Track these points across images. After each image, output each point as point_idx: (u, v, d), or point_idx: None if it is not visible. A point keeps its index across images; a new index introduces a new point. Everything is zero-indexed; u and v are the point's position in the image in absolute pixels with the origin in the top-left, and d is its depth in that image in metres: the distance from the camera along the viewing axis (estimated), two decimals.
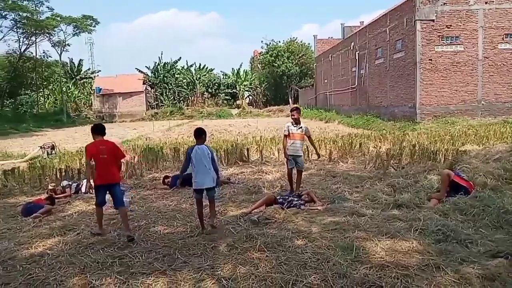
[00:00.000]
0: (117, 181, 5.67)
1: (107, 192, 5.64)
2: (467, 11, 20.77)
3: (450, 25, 20.86)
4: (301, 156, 7.42)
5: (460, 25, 20.80)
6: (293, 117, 7.44)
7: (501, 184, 6.76)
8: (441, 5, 20.79)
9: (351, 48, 31.74)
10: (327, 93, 39.44)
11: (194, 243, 5.03)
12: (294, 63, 52.88)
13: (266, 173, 9.36)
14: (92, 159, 5.64)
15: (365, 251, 4.47)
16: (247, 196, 7.43)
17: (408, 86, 22.10)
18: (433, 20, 20.81)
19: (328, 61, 39.31)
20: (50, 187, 7.95)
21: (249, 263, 4.32)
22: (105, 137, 5.80)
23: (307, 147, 10.19)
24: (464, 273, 3.77)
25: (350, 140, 12.59)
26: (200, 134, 5.73)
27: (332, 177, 8.78)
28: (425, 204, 6.16)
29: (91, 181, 5.98)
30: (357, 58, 30.20)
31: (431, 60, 21.04)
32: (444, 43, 20.97)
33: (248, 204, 6.75)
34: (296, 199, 6.53)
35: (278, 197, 6.63)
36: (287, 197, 6.68)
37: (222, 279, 3.97)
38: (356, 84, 30.79)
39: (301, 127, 7.34)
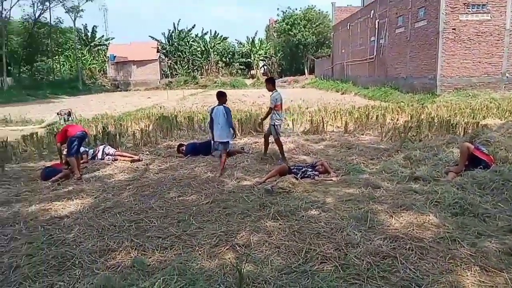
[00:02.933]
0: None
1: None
2: None
3: None
4: (273, 125, 7.55)
5: None
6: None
7: None
8: None
9: (371, 17, 30.54)
10: (344, 64, 38.46)
11: (208, 210, 5.09)
12: (311, 32, 51.34)
13: None
14: None
15: (379, 223, 4.44)
16: (260, 165, 7.43)
17: (429, 57, 21.31)
18: None
19: (346, 30, 38.05)
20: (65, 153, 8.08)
21: (263, 230, 4.36)
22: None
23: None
24: (480, 247, 3.73)
25: (366, 112, 12.35)
26: (218, 95, 7.30)
27: (347, 148, 8.67)
28: (443, 177, 6.05)
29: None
30: (376, 27, 29.09)
31: (454, 29, 20.10)
32: (469, 11, 19.92)
33: (262, 174, 6.76)
34: (310, 169, 6.49)
35: (292, 167, 6.61)
36: (301, 167, 6.65)
37: (236, 245, 4.02)
38: (374, 54, 29.85)
39: (272, 96, 7.54)
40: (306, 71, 53.53)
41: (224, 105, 7.20)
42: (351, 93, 28.14)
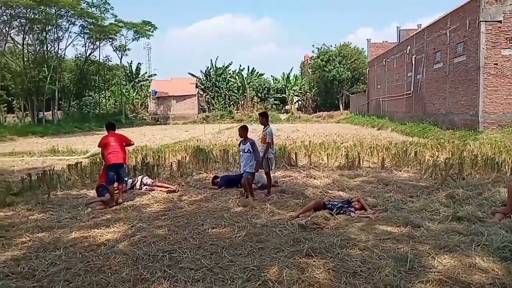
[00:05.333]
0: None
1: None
2: None
3: None
4: (267, 158, 7.68)
5: None
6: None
7: None
8: (510, 4, 19.24)
9: (407, 52, 30.39)
10: (380, 99, 38.08)
11: (241, 243, 5.04)
12: (346, 67, 51.69)
13: (314, 178, 9.19)
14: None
15: (421, 264, 4.20)
16: (294, 200, 7.33)
17: (470, 93, 20.67)
18: (500, 21, 19.30)
19: (382, 65, 37.98)
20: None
21: (296, 267, 4.24)
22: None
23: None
24: None
25: (404, 148, 12.00)
26: (240, 131, 7.69)
27: (384, 185, 8.40)
28: (489, 218, 5.68)
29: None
30: (413, 62, 28.84)
31: (496, 64, 19.51)
32: None
33: (296, 208, 6.66)
34: (346, 205, 6.33)
35: (327, 203, 6.47)
36: (336, 203, 6.50)
37: (269, 281, 3.92)
38: (411, 90, 29.40)
39: (264, 131, 7.78)
40: (341, 106, 53.42)
41: (249, 139, 7.57)
42: (388, 129, 27.59)
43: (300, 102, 62.48)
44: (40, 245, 5.18)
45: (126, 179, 8.44)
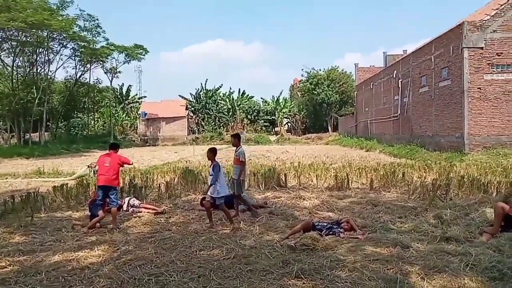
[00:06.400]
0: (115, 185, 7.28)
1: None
2: None
3: (501, 53, 19.93)
4: (238, 179, 7.78)
5: None
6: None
7: None
8: (491, 32, 20.01)
9: (394, 76, 31.15)
10: (368, 122, 38.65)
11: (229, 266, 4.95)
12: (334, 91, 52.62)
13: (304, 199, 9.17)
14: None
15: (410, 285, 4.17)
16: (284, 221, 7.27)
17: (455, 115, 21.14)
18: (482, 48, 20.01)
19: (369, 89, 38.77)
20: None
21: None
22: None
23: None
24: None
25: (392, 169, 12.10)
26: (208, 153, 7.34)
27: (373, 206, 8.41)
28: (477, 238, 5.70)
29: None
30: (400, 86, 29.52)
31: (480, 88, 20.08)
32: (494, 71, 20.01)
33: (285, 229, 6.60)
34: (335, 226, 6.30)
35: (316, 223, 6.44)
36: (326, 224, 6.47)
37: None
38: (398, 112, 29.95)
39: (237, 152, 7.87)
40: (329, 128, 54.00)
41: (216, 162, 7.22)
42: (376, 151, 27.87)
43: (289, 124, 63.02)
44: (20, 270, 5.00)
45: (117, 202, 7.64)
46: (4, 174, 16.48)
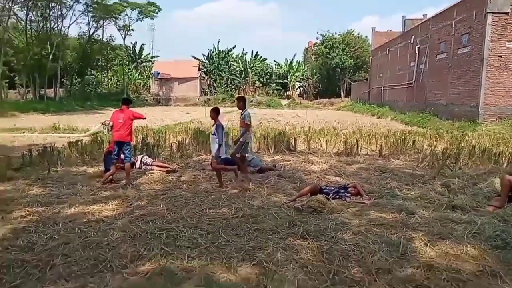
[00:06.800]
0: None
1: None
2: None
3: None
4: (243, 142, 7.59)
5: None
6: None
7: None
8: None
9: (411, 42, 30.07)
10: (382, 88, 37.87)
11: (237, 224, 5.13)
12: (349, 55, 51.25)
13: (312, 163, 9.25)
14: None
15: (413, 250, 4.29)
16: (291, 184, 7.41)
17: (472, 84, 20.56)
18: (507, 13, 19.05)
19: (385, 54, 37.63)
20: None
21: (291, 248, 4.33)
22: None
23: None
24: None
25: (403, 137, 12.02)
26: (211, 112, 7.24)
27: (381, 172, 8.46)
28: (483, 208, 5.75)
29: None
30: (417, 52, 28.57)
31: (500, 57, 19.36)
32: None
33: (292, 192, 6.73)
34: (342, 190, 6.40)
35: (323, 187, 6.54)
36: (333, 188, 6.57)
37: (263, 261, 4.01)
38: (413, 79, 29.21)
39: (242, 114, 7.62)
40: (342, 94, 53.18)
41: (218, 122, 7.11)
42: (388, 118, 27.54)
43: (301, 88, 62.15)
44: (39, 220, 5.26)
45: (130, 158, 7.79)
46: (21, 128, 16.88)
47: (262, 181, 7.61)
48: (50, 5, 37.78)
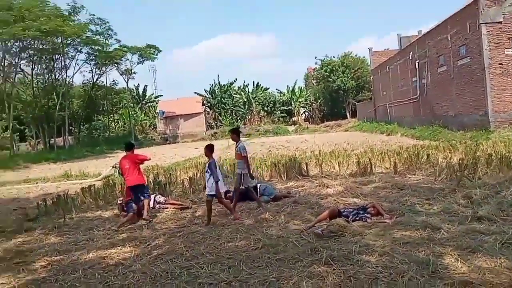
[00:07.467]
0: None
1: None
2: None
3: None
4: (240, 174, 7.70)
5: None
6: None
7: None
8: (509, 5, 19.20)
9: (410, 58, 30.36)
10: (387, 105, 37.92)
11: (258, 255, 5.00)
12: (350, 77, 51.81)
13: (327, 187, 9.10)
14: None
15: (444, 266, 4.11)
16: (309, 209, 7.27)
17: (477, 93, 20.48)
18: (500, 22, 19.26)
19: (385, 72, 37.96)
20: (119, 202, 8.45)
21: (316, 276, 4.18)
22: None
23: None
24: None
25: (416, 152, 11.86)
26: (204, 150, 7.45)
27: (399, 189, 8.27)
28: (510, 216, 5.55)
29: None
30: (417, 67, 28.76)
31: (501, 64, 19.36)
32: None
33: (310, 218, 6.59)
34: (361, 212, 6.25)
35: (342, 210, 6.40)
36: (352, 209, 6.42)
37: None
38: (418, 94, 29.24)
39: (237, 147, 7.75)
40: (348, 114, 53.32)
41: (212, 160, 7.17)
42: (397, 134, 27.38)
43: (306, 113, 62.51)
44: (59, 268, 5.20)
45: (149, 194, 8.09)
46: (35, 179, 17.07)
47: (278, 209, 7.50)
48: (53, 57, 39.25)
